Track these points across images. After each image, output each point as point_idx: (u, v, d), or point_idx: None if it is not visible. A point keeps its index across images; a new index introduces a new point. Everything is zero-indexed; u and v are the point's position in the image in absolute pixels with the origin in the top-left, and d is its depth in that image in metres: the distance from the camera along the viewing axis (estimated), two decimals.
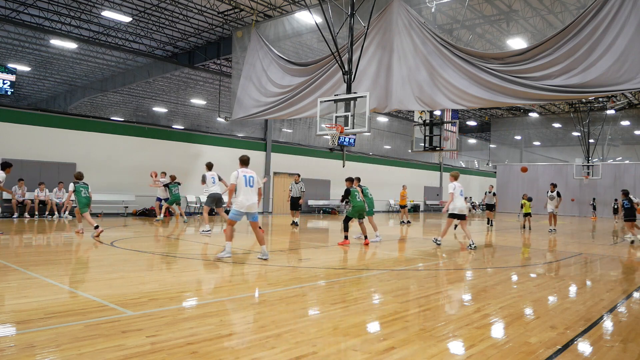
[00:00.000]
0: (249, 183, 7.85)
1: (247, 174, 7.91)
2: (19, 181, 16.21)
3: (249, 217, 7.94)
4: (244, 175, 7.86)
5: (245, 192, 7.79)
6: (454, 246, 11.37)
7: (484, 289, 6.10)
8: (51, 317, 4.14)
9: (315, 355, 3.41)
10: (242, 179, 7.81)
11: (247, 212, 7.83)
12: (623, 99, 25.09)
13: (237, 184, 7.79)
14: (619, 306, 5.37)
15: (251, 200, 7.82)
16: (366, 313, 4.75)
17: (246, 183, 7.81)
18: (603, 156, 33.92)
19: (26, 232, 11.93)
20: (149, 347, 3.48)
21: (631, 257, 10.26)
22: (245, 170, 7.97)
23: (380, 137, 34.13)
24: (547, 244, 12.51)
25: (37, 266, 6.80)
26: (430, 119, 16.50)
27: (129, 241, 10.45)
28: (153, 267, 7.15)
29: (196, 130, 26.15)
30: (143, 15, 17.96)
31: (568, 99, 17.68)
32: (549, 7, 16.86)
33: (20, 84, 26.04)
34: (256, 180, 7.99)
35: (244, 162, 8.14)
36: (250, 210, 7.83)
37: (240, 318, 4.35)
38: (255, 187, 7.96)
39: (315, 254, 9.28)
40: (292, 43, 17.85)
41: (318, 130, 11.98)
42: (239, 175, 7.82)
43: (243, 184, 7.79)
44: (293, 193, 16.49)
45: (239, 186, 7.79)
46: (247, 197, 7.78)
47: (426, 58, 11.92)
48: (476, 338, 3.96)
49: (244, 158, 8.19)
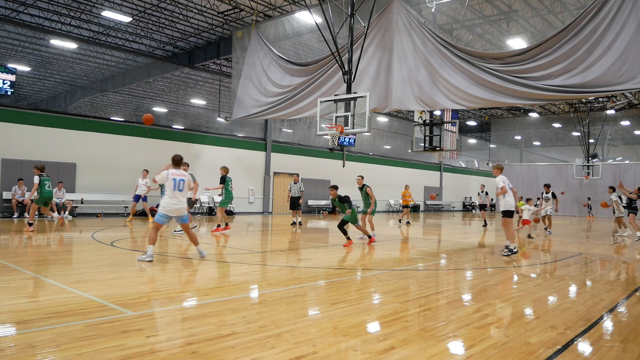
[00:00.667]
0: (178, 187, 7.49)
1: (178, 176, 7.53)
2: (19, 181, 16.20)
3: (178, 220, 7.64)
4: (173, 178, 7.49)
5: (173, 196, 7.45)
6: (462, 245, 11.36)
7: (484, 289, 6.10)
8: (51, 317, 4.14)
9: (315, 355, 3.41)
10: (172, 181, 7.47)
11: (174, 215, 7.51)
12: (623, 99, 25.08)
13: (165, 185, 7.48)
14: (619, 306, 5.37)
15: (179, 204, 7.50)
16: (366, 313, 4.75)
17: (175, 187, 7.46)
18: (603, 156, 33.92)
19: (26, 232, 11.91)
20: (149, 347, 3.48)
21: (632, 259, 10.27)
22: (177, 173, 7.57)
23: (380, 137, 34.12)
24: (544, 245, 12.51)
25: (37, 266, 6.80)
26: (430, 119, 16.51)
27: (129, 241, 10.45)
28: (153, 267, 7.14)
29: (196, 130, 26.15)
30: (143, 15, 17.96)
31: (568, 99, 17.69)
32: (549, 7, 16.86)
33: (20, 84, 26.04)
34: (187, 184, 7.60)
35: (175, 162, 7.70)
36: (178, 214, 7.52)
37: (240, 318, 4.35)
38: (185, 192, 7.59)
39: (315, 254, 9.28)
40: (292, 43, 17.86)
41: (318, 130, 11.99)
42: (168, 176, 7.47)
43: (172, 187, 7.45)
44: (292, 193, 16.50)
45: (167, 188, 7.47)
46: (174, 200, 7.46)
47: (426, 58, 11.92)
48: (476, 338, 3.96)
49: (175, 158, 7.74)
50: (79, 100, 29.27)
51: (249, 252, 9.33)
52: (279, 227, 16.14)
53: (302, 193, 16.57)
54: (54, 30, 18.74)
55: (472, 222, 23.11)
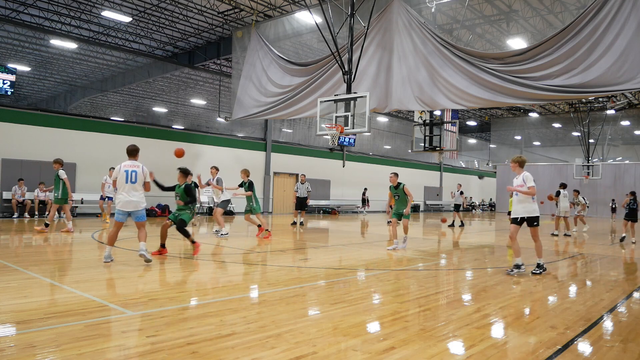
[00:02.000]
0: (131, 178, 6.95)
1: (130, 168, 6.98)
2: (19, 181, 16.21)
3: (133, 217, 7.07)
4: (125, 170, 6.97)
5: (124, 189, 6.94)
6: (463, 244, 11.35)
7: (484, 289, 6.10)
8: (51, 317, 4.14)
9: (315, 355, 3.41)
10: (124, 174, 6.96)
11: (128, 210, 6.98)
12: (623, 99, 25.09)
13: (117, 179, 6.99)
14: (619, 306, 5.37)
15: (129, 197, 6.93)
16: (366, 313, 4.75)
17: (127, 179, 6.94)
18: (603, 156, 33.92)
19: (26, 232, 11.92)
20: (149, 347, 3.48)
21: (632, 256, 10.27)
22: (129, 164, 7.04)
23: (380, 137, 34.13)
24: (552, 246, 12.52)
25: (37, 266, 6.79)
26: (430, 119, 16.52)
27: (129, 241, 10.45)
28: (153, 267, 7.14)
29: (196, 130, 26.14)
30: (143, 15, 17.96)
31: (568, 99, 17.69)
32: (549, 7, 16.86)
33: (20, 84, 26.03)
34: (140, 174, 7.01)
35: (128, 153, 7.19)
36: (130, 208, 6.96)
37: (240, 318, 4.35)
38: (139, 183, 7.01)
39: (315, 254, 9.28)
40: (292, 43, 17.85)
41: (318, 130, 11.99)
42: (120, 169, 7.00)
43: (123, 179, 6.95)
44: (299, 193, 16.48)
45: (119, 182, 6.98)
46: (125, 194, 6.94)
47: (426, 58, 11.92)
48: (476, 338, 3.96)
49: (128, 148, 7.21)
50: (79, 100, 29.26)
51: (249, 252, 9.33)
52: (279, 227, 16.14)
53: (309, 193, 16.56)
54: (54, 30, 18.74)
55: (472, 222, 23.12)
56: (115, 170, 7.08)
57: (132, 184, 6.98)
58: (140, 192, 7.08)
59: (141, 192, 7.10)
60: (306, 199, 16.39)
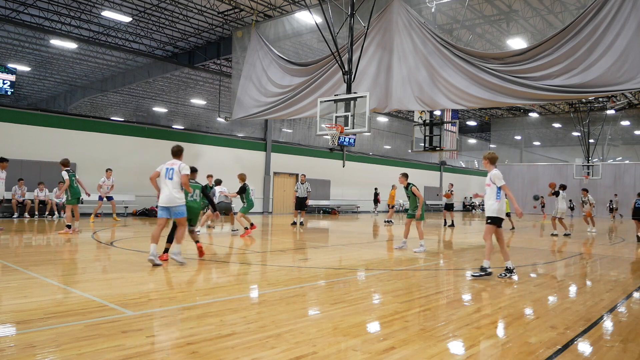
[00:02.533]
0: (168, 176, 7.21)
1: (169, 166, 7.27)
2: (19, 181, 16.20)
3: (172, 213, 7.23)
4: (166, 167, 7.29)
5: (163, 185, 7.23)
6: (458, 245, 11.35)
7: (484, 289, 6.10)
8: (51, 317, 4.14)
9: (315, 355, 3.41)
10: (164, 171, 7.27)
11: (167, 206, 7.18)
12: (623, 99, 25.09)
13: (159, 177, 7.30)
14: (619, 306, 5.37)
15: (164, 192, 7.17)
16: (366, 313, 4.75)
17: (166, 175, 7.23)
18: (603, 156, 33.92)
19: (26, 232, 11.92)
20: (149, 347, 3.48)
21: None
22: (169, 162, 7.34)
23: (380, 137, 34.12)
24: (550, 245, 12.51)
25: (37, 266, 6.79)
26: (430, 119, 16.51)
27: (129, 241, 10.45)
28: (153, 267, 7.14)
29: (196, 130, 26.15)
30: (143, 15, 17.96)
31: (568, 99, 17.70)
32: (549, 7, 16.87)
33: (20, 84, 26.04)
34: (176, 173, 7.23)
35: (172, 153, 7.49)
36: (170, 204, 7.16)
37: (240, 318, 4.34)
38: (176, 180, 7.18)
39: (315, 254, 9.28)
40: (292, 43, 17.86)
41: (318, 130, 11.99)
42: (161, 168, 7.35)
43: (163, 176, 7.25)
44: (299, 193, 16.49)
45: (159, 179, 7.30)
46: (163, 190, 7.21)
47: (426, 58, 11.92)
48: (476, 338, 3.96)
49: (172, 148, 7.53)
50: (79, 100, 29.27)
51: (249, 252, 9.33)
52: (279, 227, 16.14)
53: (309, 194, 16.57)
54: (54, 30, 18.74)
55: (472, 222, 23.11)
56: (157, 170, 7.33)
57: (170, 180, 7.17)
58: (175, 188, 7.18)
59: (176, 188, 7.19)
60: (306, 199, 16.39)
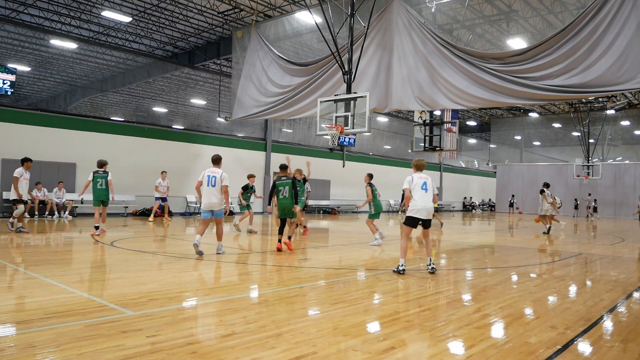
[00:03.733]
0: (211, 183, 8.14)
1: (211, 174, 8.20)
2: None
3: (214, 214, 8.29)
4: (208, 175, 8.21)
5: (207, 192, 8.18)
6: (455, 246, 11.36)
7: (484, 289, 6.10)
8: (51, 317, 4.14)
9: (315, 355, 3.41)
10: (206, 178, 8.20)
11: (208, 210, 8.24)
12: (623, 99, 25.09)
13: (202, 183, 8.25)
14: (619, 306, 5.37)
15: (208, 198, 8.15)
16: (366, 313, 4.75)
17: (208, 183, 8.16)
18: (603, 156, 33.92)
19: (26, 232, 11.91)
20: (149, 347, 3.48)
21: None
22: (210, 170, 8.26)
23: (380, 137, 34.11)
24: (542, 244, 12.51)
25: (37, 266, 6.80)
26: (430, 119, 16.52)
27: (129, 241, 10.45)
28: (153, 267, 7.15)
29: (196, 130, 26.14)
30: (143, 15, 17.96)
31: (568, 99, 17.70)
32: (549, 7, 16.86)
33: (20, 84, 26.03)
34: (219, 179, 8.14)
35: (212, 161, 8.43)
36: (210, 208, 8.21)
37: (240, 318, 4.35)
38: (218, 188, 8.12)
39: (315, 254, 9.27)
40: (292, 43, 17.85)
41: (318, 130, 11.99)
42: (203, 175, 8.27)
43: (205, 183, 8.18)
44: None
45: (202, 186, 8.24)
46: (204, 196, 8.20)
47: (426, 58, 11.92)
48: (476, 338, 3.96)
49: (212, 157, 8.47)
50: (79, 100, 29.26)
51: (249, 252, 9.33)
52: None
53: (308, 194, 16.55)
54: (54, 30, 18.74)
55: (472, 222, 23.11)
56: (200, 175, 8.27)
57: (213, 187, 8.12)
58: (215, 196, 8.14)
59: (216, 195, 8.15)
60: (306, 199, 16.37)
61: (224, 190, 8.15)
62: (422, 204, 6.93)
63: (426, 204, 6.96)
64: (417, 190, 7.01)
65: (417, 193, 6.99)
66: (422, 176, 7.17)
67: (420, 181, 7.07)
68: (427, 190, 7.04)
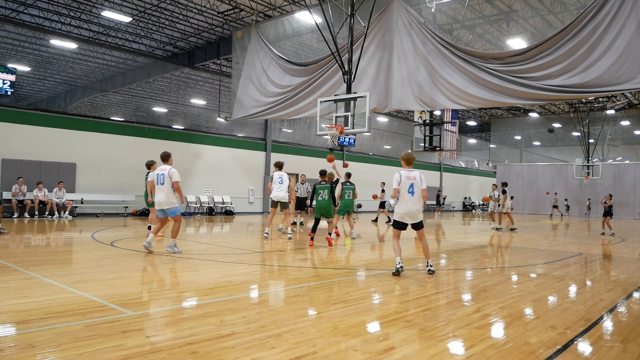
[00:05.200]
0: (160, 181, 8.21)
1: (160, 171, 8.26)
2: (19, 179, 16.17)
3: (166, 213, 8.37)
4: (156, 173, 8.32)
5: (155, 191, 8.32)
6: (454, 246, 11.36)
7: (484, 289, 6.10)
8: (51, 317, 4.14)
9: (315, 355, 3.41)
10: (155, 177, 8.32)
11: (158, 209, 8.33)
12: (623, 99, 25.09)
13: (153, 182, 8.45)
14: (619, 306, 5.37)
15: (156, 198, 8.28)
16: (366, 313, 4.75)
17: (157, 181, 8.24)
18: (603, 156, 33.91)
19: (26, 232, 11.92)
20: (149, 347, 3.48)
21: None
22: (160, 168, 8.34)
23: (380, 137, 34.10)
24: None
25: (37, 266, 6.79)
26: (430, 119, 16.51)
27: (129, 241, 10.45)
28: (153, 267, 7.15)
29: (196, 130, 26.12)
30: (143, 15, 17.96)
31: (568, 99, 17.70)
32: (549, 7, 16.86)
33: (20, 84, 26.02)
34: (167, 177, 8.20)
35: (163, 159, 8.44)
36: (158, 207, 8.29)
37: (240, 318, 4.35)
38: (167, 184, 8.13)
39: (315, 254, 9.28)
40: (292, 43, 17.85)
41: (318, 130, 11.99)
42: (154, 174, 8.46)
43: (156, 182, 8.29)
44: (299, 193, 16.49)
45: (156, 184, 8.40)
46: (155, 195, 8.32)
47: (426, 58, 11.92)
48: (476, 338, 3.96)
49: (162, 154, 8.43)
50: (79, 100, 29.25)
51: (249, 252, 9.33)
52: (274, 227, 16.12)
53: (308, 194, 16.57)
54: (54, 30, 18.74)
55: (472, 222, 23.10)
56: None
57: (162, 185, 8.15)
58: (164, 192, 8.13)
59: (169, 192, 8.13)
60: (306, 199, 16.40)
61: (175, 187, 8.11)
62: (405, 210, 6.70)
63: (410, 209, 6.69)
64: (404, 193, 6.70)
65: (403, 196, 6.71)
66: (410, 176, 6.78)
67: (407, 182, 6.72)
68: (414, 194, 6.71)
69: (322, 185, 10.18)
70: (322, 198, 10.08)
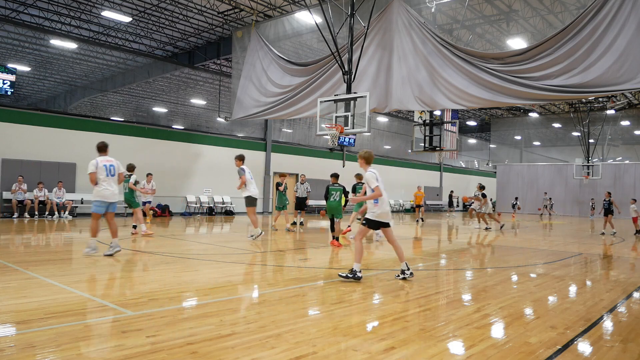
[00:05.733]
0: (110, 172, 7.82)
1: (107, 162, 7.84)
2: (19, 178, 16.16)
3: (109, 208, 7.97)
4: (103, 164, 7.78)
5: (106, 182, 7.76)
6: (455, 246, 11.35)
7: (484, 289, 6.10)
8: (51, 317, 4.14)
9: (315, 355, 3.41)
10: (103, 168, 7.75)
11: (109, 202, 7.85)
12: (623, 99, 25.08)
13: (97, 173, 7.71)
14: (619, 306, 5.37)
15: (111, 189, 7.83)
16: (366, 313, 4.75)
17: (107, 172, 7.77)
18: (603, 156, 33.90)
19: (26, 232, 11.92)
20: (149, 347, 3.48)
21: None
22: (105, 159, 7.87)
23: (380, 137, 34.10)
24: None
25: (37, 266, 6.79)
26: (430, 119, 16.51)
27: (129, 241, 10.44)
28: (153, 267, 7.14)
29: (196, 130, 26.14)
30: (143, 15, 17.95)
31: (568, 99, 17.70)
32: (549, 7, 16.86)
33: (20, 84, 26.03)
34: (117, 168, 7.95)
35: (100, 149, 7.98)
36: (111, 199, 7.87)
37: (240, 318, 4.35)
38: (116, 176, 7.94)
39: (315, 254, 9.27)
40: (292, 43, 17.85)
41: (318, 130, 11.99)
42: (98, 164, 7.74)
43: (104, 173, 7.73)
44: (299, 193, 16.51)
45: (99, 176, 7.72)
46: (107, 186, 7.77)
47: (426, 58, 11.92)
48: (476, 338, 3.96)
49: (100, 145, 8.01)
50: (79, 100, 29.26)
51: (249, 252, 9.33)
52: (279, 227, 16.13)
53: (308, 194, 16.59)
54: (54, 30, 18.73)
55: (471, 223, 23.09)
56: (92, 164, 7.67)
57: (112, 176, 7.83)
58: (116, 184, 7.92)
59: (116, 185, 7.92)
60: (306, 199, 16.40)
61: (120, 179, 7.97)
62: (385, 209, 6.28)
63: (388, 208, 6.35)
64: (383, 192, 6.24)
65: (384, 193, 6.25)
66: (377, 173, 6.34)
67: (381, 179, 6.30)
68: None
69: (335, 187, 10.70)
70: (334, 199, 10.59)
